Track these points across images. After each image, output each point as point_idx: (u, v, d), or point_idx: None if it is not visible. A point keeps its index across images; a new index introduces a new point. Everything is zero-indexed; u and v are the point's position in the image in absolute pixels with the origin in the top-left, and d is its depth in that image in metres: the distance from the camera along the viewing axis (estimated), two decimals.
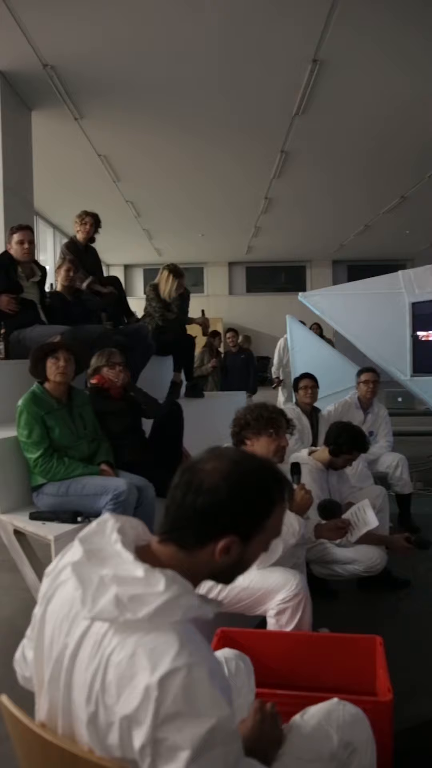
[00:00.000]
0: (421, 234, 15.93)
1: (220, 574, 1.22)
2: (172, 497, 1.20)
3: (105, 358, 3.68)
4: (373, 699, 2.02)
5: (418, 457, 6.55)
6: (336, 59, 6.48)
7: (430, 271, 6.17)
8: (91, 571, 1.12)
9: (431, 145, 9.12)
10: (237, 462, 1.22)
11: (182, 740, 0.98)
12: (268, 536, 1.25)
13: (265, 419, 2.72)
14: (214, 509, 1.16)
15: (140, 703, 1.00)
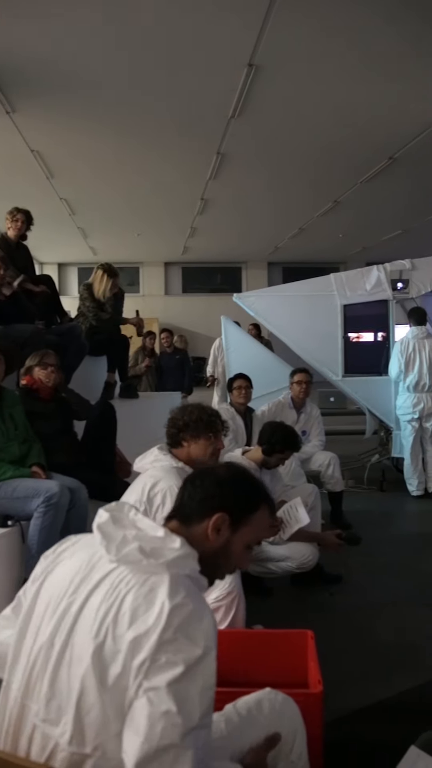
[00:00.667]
0: (354, 238, 16.33)
1: (208, 559, 1.39)
2: (184, 488, 1.50)
3: (38, 358, 3.61)
4: (304, 691, 2.06)
5: (350, 456, 6.72)
6: (271, 64, 6.56)
7: (361, 274, 6.34)
8: (115, 530, 1.34)
9: (364, 150, 9.38)
10: (240, 467, 1.56)
11: (176, 659, 1.17)
12: (251, 534, 1.47)
13: (204, 422, 2.72)
14: (215, 486, 1.45)
15: (152, 624, 1.19)
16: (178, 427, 2.72)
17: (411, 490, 5.99)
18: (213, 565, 1.42)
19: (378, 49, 6.34)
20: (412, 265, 6.24)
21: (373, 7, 5.56)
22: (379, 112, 7.95)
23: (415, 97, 7.49)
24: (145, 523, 1.38)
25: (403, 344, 5.92)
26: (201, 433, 2.70)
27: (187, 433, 2.71)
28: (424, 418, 5.89)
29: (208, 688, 1.21)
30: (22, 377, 3.63)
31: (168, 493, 2.54)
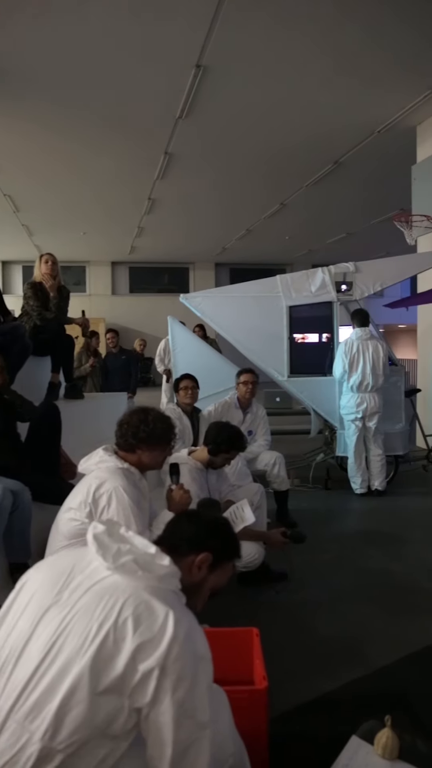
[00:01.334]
0: (300, 240, 16.60)
1: (183, 590, 1.51)
2: (179, 521, 1.75)
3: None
4: (249, 688, 2.08)
5: (296, 455, 6.82)
6: (219, 66, 6.61)
7: (306, 276, 6.42)
8: (111, 542, 1.46)
9: (310, 154, 9.54)
10: (227, 519, 1.93)
11: (188, 669, 1.30)
12: (219, 578, 1.71)
13: (166, 437, 2.74)
14: (211, 530, 1.69)
15: (158, 632, 1.31)
16: (139, 438, 2.68)
17: (355, 489, 6.11)
18: (191, 598, 1.56)
19: (326, 56, 6.49)
20: (355, 267, 6.36)
21: (321, 14, 5.68)
22: (325, 117, 8.12)
23: (361, 103, 7.69)
24: (137, 540, 1.51)
25: (347, 345, 6.03)
26: (159, 445, 2.73)
27: (145, 443, 2.69)
28: (367, 418, 6.02)
29: (210, 687, 1.37)
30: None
31: (113, 494, 2.53)
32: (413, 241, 8.49)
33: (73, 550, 1.56)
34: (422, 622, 3.34)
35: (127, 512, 2.51)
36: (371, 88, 7.25)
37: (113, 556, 1.41)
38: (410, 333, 13.41)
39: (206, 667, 1.36)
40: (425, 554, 4.46)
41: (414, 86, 7.25)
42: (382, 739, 1.74)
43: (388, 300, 11.53)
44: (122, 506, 2.52)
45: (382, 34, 6.06)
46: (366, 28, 5.94)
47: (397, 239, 8.99)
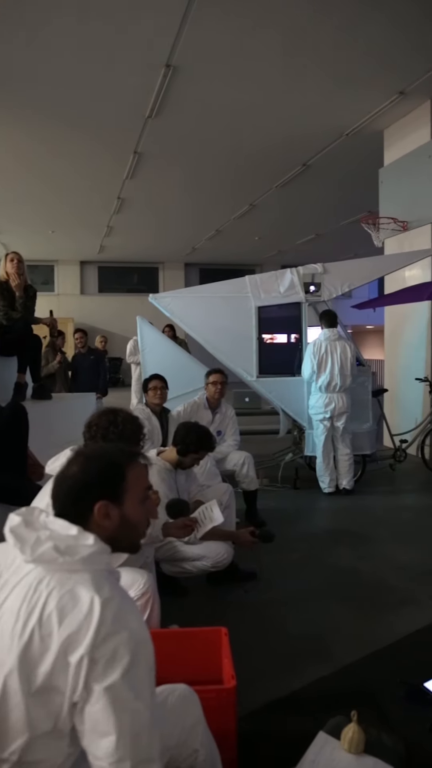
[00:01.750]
0: (269, 241, 16.69)
1: (119, 541, 1.46)
2: (54, 491, 1.50)
3: None
4: (217, 687, 2.09)
5: (265, 455, 6.85)
6: (189, 66, 6.61)
7: (275, 277, 6.46)
8: (28, 532, 1.35)
9: (280, 156, 9.61)
10: (85, 452, 1.56)
11: (122, 651, 1.22)
12: (136, 492, 1.52)
13: (136, 437, 2.71)
14: (76, 486, 1.45)
15: (84, 620, 1.23)
16: (108, 439, 2.66)
17: (323, 488, 6.17)
18: (125, 538, 1.49)
19: (296, 60, 6.54)
20: (323, 269, 6.42)
21: (290, 18, 5.72)
22: (295, 120, 8.18)
23: (329, 107, 7.78)
24: (57, 524, 1.40)
25: (316, 346, 6.09)
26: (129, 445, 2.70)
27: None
28: (335, 418, 6.08)
29: (151, 668, 1.30)
30: None
31: None
32: (380, 243, 8.62)
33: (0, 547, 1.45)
34: (389, 620, 3.39)
35: None
36: (340, 92, 7.34)
37: (32, 546, 1.32)
38: (378, 334, 13.58)
39: (142, 648, 1.28)
40: (392, 552, 4.52)
41: (381, 91, 7.36)
42: (348, 733, 1.77)
43: (356, 301, 11.66)
44: None
45: (351, 40, 6.14)
46: (335, 34, 6.02)
47: (365, 241, 9.11)
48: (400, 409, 8.24)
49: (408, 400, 8.12)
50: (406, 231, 8.08)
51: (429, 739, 2.31)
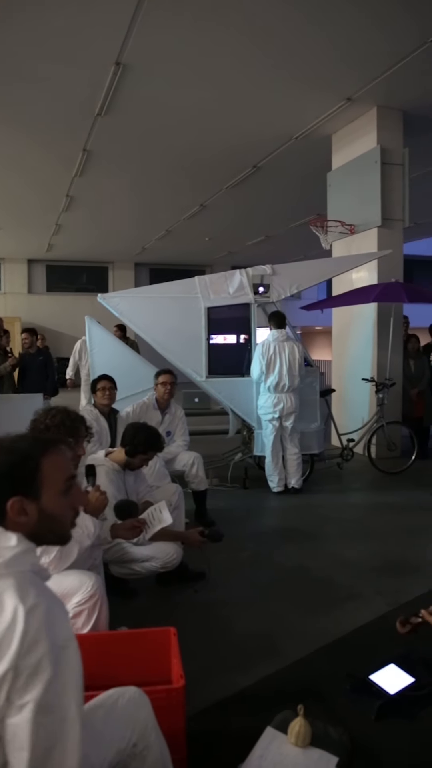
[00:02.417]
0: (220, 242, 16.75)
1: (43, 535, 1.40)
2: None
3: None
4: (166, 687, 2.09)
5: (214, 455, 6.88)
6: (140, 64, 6.58)
7: (225, 278, 6.49)
8: None
9: (230, 157, 9.66)
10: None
11: (44, 663, 1.18)
12: (54, 482, 1.43)
13: (67, 427, 2.69)
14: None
15: (6, 631, 1.18)
16: (40, 431, 2.66)
17: (272, 487, 6.23)
18: (49, 533, 1.42)
19: (246, 63, 6.59)
20: (272, 270, 6.49)
21: (241, 22, 5.76)
22: (245, 122, 8.24)
23: (280, 110, 7.87)
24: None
25: (264, 346, 6.15)
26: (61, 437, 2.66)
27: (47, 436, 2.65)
28: (284, 418, 6.15)
29: (78, 678, 1.26)
30: None
31: None
32: (328, 245, 8.77)
33: None
34: (335, 615, 3.45)
35: None
36: (289, 96, 7.43)
37: None
38: (326, 335, 13.82)
39: (68, 656, 1.24)
40: (339, 550, 4.61)
41: (330, 97, 7.49)
42: (295, 727, 1.80)
43: (306, 302, 11.83)
44: None
45: (300, 46, 6.23)
46: (285, 39, 6.09)
47: (313, 243, 9.25)
48: (347, 408, 8.40)
49: (355, 399, 8.28)
50: (354, 234, 8.25)
51: (374, 729, 2.37)
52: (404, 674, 2.65)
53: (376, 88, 7.18)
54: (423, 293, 8.14)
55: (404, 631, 1.97)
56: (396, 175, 7.91)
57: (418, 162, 8.65)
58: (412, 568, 4.21)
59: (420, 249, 18.72)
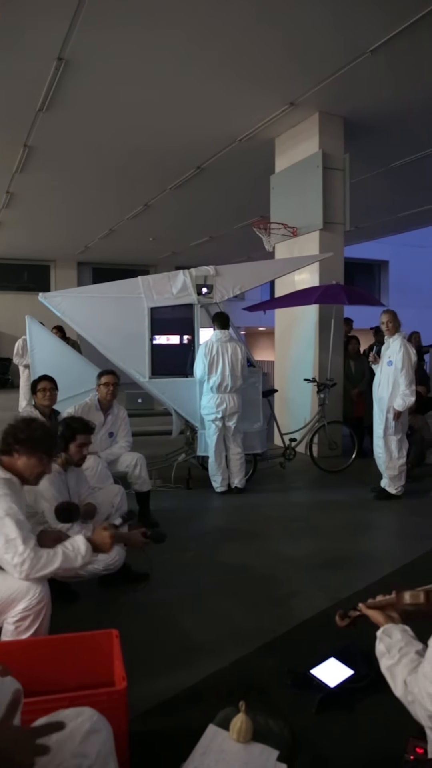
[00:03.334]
0: (164, 242, 16.71)
1: None
2: None
3: None
4: (107, 690, 2.07)
5: (157, 456, 6.86)
6: (83, 60, 6.49)
7: (168, 278, 6.48)
8: None
9: (174, 158, 9.64)
10: None
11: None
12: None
13: (45, 444, 2.70)
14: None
15: None
16: (18, 439, 2.66)
17: (215, 487, 6.26)
18: None
19: (191, 64, 6.60)
20: (216, 271, 6.51)
21: (187, 23, 5.77)
22: (189, 123, 8.25)
23: (224, 112, 7.92)
24: None
25: (208, 347, 6.16)
26: (36, 452, 2.67)
27: (24, 446, 2.66)
28: (226, 418, 6.19)
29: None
30: None
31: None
32: (271, 247, 8.88)
33: None
34: (278, 612, 3.50)
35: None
36: (234, 98, 7.49)
37: None
38: (270, 335, 13.97)
39: None
40: (282, 548, 4.67)
41: (273, 101, 7.59)
42: (236, 724, 1.82)
43: (250, 303, 11.94)
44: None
45: (245, 49, 6.28)
46: (231, 41, 6.13)
47: (257, 245, 9.34)
48: (289, 408, 8.52)
49: (297, 400, 8.41)
50: (296, 237, 8.37)
51: (315, 722, 2.41)
52: (344, 667, 2.72)
53: (318, 94, 7.32)
54: (363, 296, 8.35)
55: (343, 624, 2.02)
56: (337, 180, 8.08)
57: (358, 168, 8.86)
58: (353, 564, 4.31)
59: (360, 252, 19.18)
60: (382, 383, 6.05)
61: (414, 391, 5.89)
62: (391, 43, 6.10)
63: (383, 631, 1.83)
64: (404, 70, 6.80)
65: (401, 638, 1.78)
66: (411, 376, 5.84)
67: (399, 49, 6.25)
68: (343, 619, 2.02)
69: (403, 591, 1.88)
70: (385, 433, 6.01)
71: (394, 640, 1.77)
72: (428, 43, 6.17)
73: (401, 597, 1.88)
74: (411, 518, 5.50)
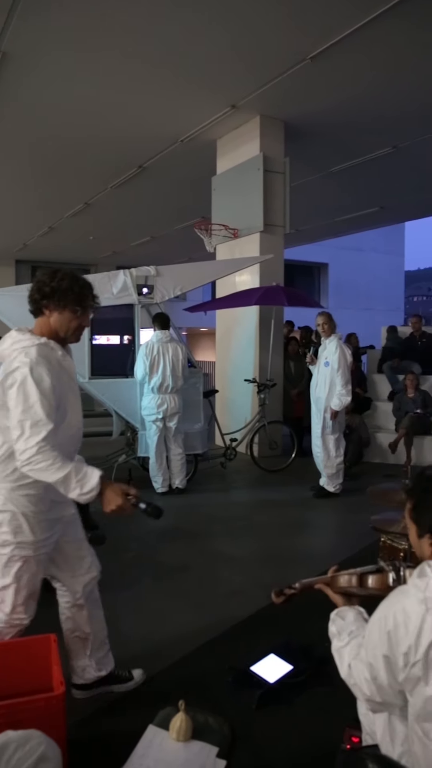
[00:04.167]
0: (104, 241, 16.51)
1: None
2: None
3: None
4: (45, 696, 2.04)
5: (98, 457, 6.77)
6: (21, 55, 6.35)
7: (108, 278, 6.40)
8: None
9: (115, 156, 9.55)
10: None
11: None
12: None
13: (75, 294, 2.39)
14: None
15: None
16: (44, 293, 2.38)
17: (156, 488, 6.24)
18: None
19: (132, 62, 6.54)
20: (156, 271, 6.49)
21: (131, 18, 5.72)
22: (130, 121, 8.19)
23: (166, 112, 7.89)
24: None
25: (148, 347, 6.14)
26: (67, 305, 2.38)
27: (51, 301, 2.37)
28: (167, 418, 6.18)
29: None
30: None
31: (19, 377, 2.21)
32: (212, 248, 8.91)
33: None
34: (219, 611, 3.52)
35: (30, 397, 2.18)
36: (176, 98, 7.48)
37: None
38: (211, 336, 14.02)
39: None
40: (222, 547, 4.70)
41: (215, 102, 7.62)
42: (176, 723, 1.82)
43: (190, 304, 11.94)
44: (24, 391, 2.19)
45: (188, 50, 6.29)
46: (173, 42, 6.12)
47: (198, 246, 9.35)
48: (230, 409, 8.58)
49: (237, 400, 8.48)
50: (237, 238, 8.44)
51: (255, 718, 2.44)
52: (283, 663, 2.76)
53: (259, 98, 7.40)
54: (302, 297, 8.48)
55: (279, 601, 2.06)
56: (278, 183, 8.18)
57: (298, 171, 9.01)
58: (293, 561, 4.38)
59: (301, 255, 19.48)
60: (319, 384, 6.18)
61: (350, 390, 6.04)
62: (330, 52, 6.23)
63: (337, 612, 1.87)
64: (342, 79, 6.96)
65: (354, 620, 1.81)
66: (347, 376, 5.98)
67: (337, 59, 6.39)
68: (279, 596, 2.05)
69: (338, 574, 1.92)
70: (323, 433, 6.14)
71: (347, 622, 1.81)
72: (362, 54, 6.34)
73: (335, 578, 1.93)
74: (349, 515, 5.63)
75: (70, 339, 2.46)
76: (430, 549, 1.55)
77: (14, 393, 2.19)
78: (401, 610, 1.48)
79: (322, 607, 1.98)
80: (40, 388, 2.19)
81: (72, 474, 2.20)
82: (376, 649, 1.52)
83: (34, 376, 2.19)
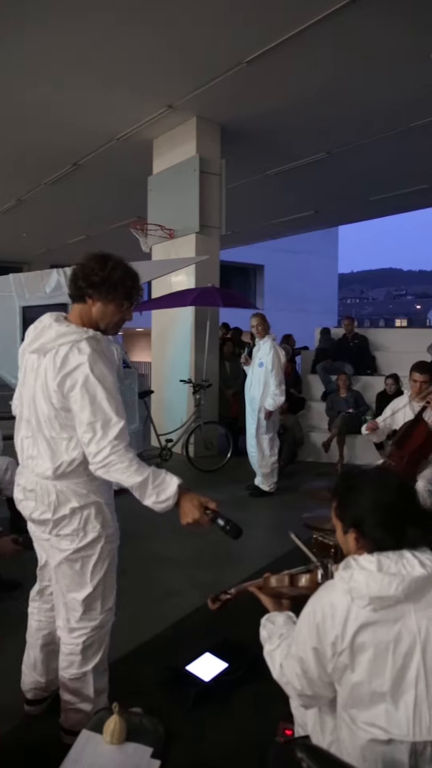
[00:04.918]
0: (38, 239, 16.18)
1: None
2: None
3: None
4: None
5: None
6: None
7: (41, 277, 6.29)
8: None
9: (50, 153, 9.37)
10: None
11: None
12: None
13: (127, 288, 2.24)
14: None
15: None
16: (91, 282, 2.19)
17: None
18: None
19: (64, 55, 6.43)
20: None
21: (66, 13, 5.62)
22: (63, 118, 8.06)
23: (101, 109, 7.81)
24: None
25: None
26: (116, 298, 2.23)
27: (98, 291, 2.20)
28: None
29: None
30: None
31: (83, 379, 2.06)
32: (148, 248, 8.88)
33: None
34: (155, 613, 3.52)
35: (96, 396, 2.05)
36: (112, 96, 7.40)
37: None
38: (147, 336, 13.96)
39: None
40: (155, 548, 4.70)
41: (151, 102, 7.60)
42: (110, 725, 1.81)
43: None
44: (88, 391, 2.06)
45: (126, 48, 6.24)
46: (110, 38, 6.05)
47: (134, 246, 9.30)
48: (165, 409, 8.56)
49: (173, 400, 8.48)
50: (173, 239, 8.44)
51: (190, 717, 2.46)
52: (219, 661, 2.79)
53: (196, 100, 7.42)
54: (236, 298, 8.56)
55: (215, 607, 2.10)
56: (214, 184, 8.24)
57: (235, 174, 9.09)
58: (228, 561, 4.42)
59: (237, 256, 19.66)
60: (253, 384, 6.26)
61: (284, 391, 6.14)
62: (266, 57, 6.32)
63: (267, 617, 1.93)
64: (277, 84, 7.07)
65: (283, 624, 1.87)
66: (281, 376, 6.08)
67: (272, 63, 6.49)
68: (215, 602, 2.09)
69: (270, 576, 1.97)
70: (258, 432, 6.22)
71: (277, 626, 1.87)
72: (298, 60, 6.47)
73: (268, 580, 1.98)
74: (284, 514, 5.72)
75: (110, 332, 2.31)
76: (354, 544, 1.62)
77: (78, 395, 2.06)
78: (328, 602, 1.54)
79: (259, 605, 2.02)
80: (104, 386, 2.06)
81: (150, 479, 2.14)
82: (306, 643, 1.57)
83: (95, 374, 2.06)
